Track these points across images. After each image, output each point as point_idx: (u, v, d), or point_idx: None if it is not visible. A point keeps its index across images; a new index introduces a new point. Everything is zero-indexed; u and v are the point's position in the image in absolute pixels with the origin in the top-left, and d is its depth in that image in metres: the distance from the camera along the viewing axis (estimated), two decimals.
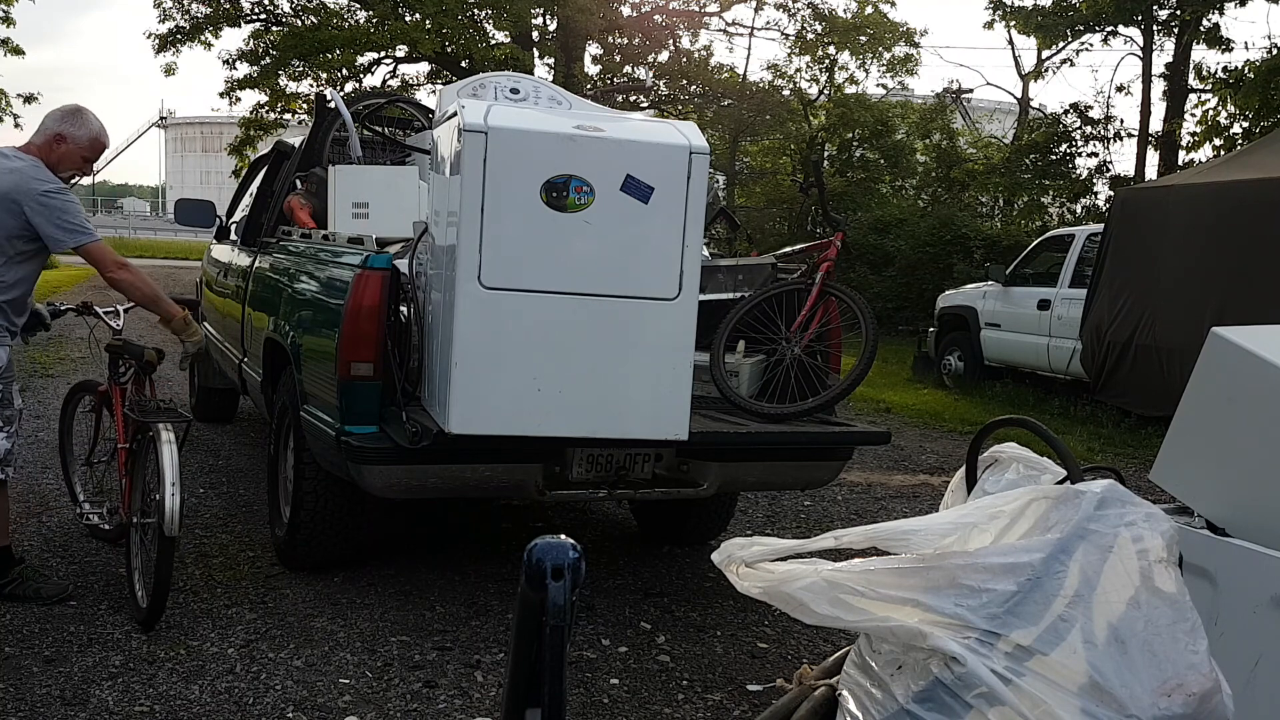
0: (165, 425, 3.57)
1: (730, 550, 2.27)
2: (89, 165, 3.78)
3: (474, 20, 19.02)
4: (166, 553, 3.43)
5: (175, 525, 3.39)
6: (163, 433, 3.53)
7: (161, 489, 3.42)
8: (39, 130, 3.71)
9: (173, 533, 3.39)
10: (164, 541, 3.41)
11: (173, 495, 3.39)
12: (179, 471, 3.45)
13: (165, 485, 3.40)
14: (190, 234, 32.72)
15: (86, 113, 3.76)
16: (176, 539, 3.45)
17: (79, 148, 3.71)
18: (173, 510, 3.37)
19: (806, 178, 21.89)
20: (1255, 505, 2.55)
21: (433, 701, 3.18)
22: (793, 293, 4.47)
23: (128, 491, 3.80)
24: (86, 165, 3.76)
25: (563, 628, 1.38)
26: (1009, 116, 25.54)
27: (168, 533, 3.38)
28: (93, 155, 3.77)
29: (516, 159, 3.27)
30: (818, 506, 5.90)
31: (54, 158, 3.67)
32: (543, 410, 3.37)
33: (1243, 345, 2.65)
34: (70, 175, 3.73)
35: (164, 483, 3.41)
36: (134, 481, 3.77)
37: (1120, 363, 8.87)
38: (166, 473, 3.42)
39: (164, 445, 3.49)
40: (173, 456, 3.47)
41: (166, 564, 3.44)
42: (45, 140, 3.67)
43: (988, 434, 2.57)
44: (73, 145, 3.70)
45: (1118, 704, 1.83)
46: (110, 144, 3.88)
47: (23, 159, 3.61)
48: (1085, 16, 17.01)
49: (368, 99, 6.43)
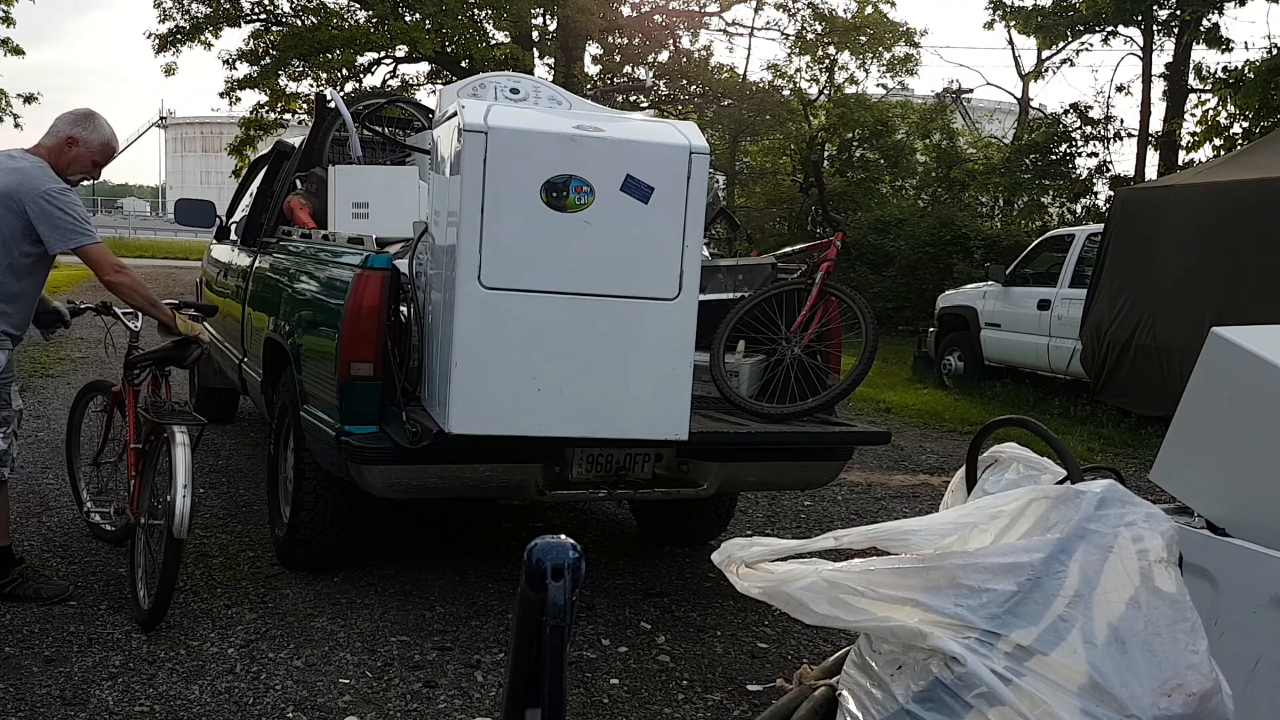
0: (180, 427, 3.56)
1: (730, 550, 2.27)
2: (98, 169, 3.79)
3: (474, 20, 19.02)
4: (173, 554, 3.43)
5: (184, 528, 3.38)
6: (177, 434, 3.52)
7: (173, 491, 3.41)
8: (50, 132, 3.71)
9: (181, 535, 3.38)
10: (172, 543, 3.41)
11: (184, 498, 3.38)
12: (191, 474, 3.45)
13: (177, 487, 3.39)
14: (190, 234, 32.73)
15: (99, 117, 3.77)
16: (184, 541, 3.45)
17: (90, 151, 3.73)
18: (183, 513, 3.37)
19: (806, 178, 21.89)
20: (1255, 505, 2.55)
21: (433, 701, 3.18)
22: (793, 293, 4.47)
23: (137, 492, 3.80)
24: (96, 169, 3.78)
25: (563, 628, 1.38)
26: (1009, 116, 25.53)
27: (177, 535, 3.38)
28: (103, 160, 3.79)
29: (516, 159, 3.27)
30: (818, 506, 5.90)
31: (64, 160, 3.68)
32: (543, 410, 3.37)
33: (1243, 345, 2.65)
34: (79, 178, 3.75)
35: (176, 485, 3.40)
36: (143, 482, 3.77)
37: (1120, 363, 8.87)
38: (179, 475, 3.41)
39: (178, 448, 3.48)
40: (186, 459, 3.47)
41: (173, 565, 3.45)
42: (57, 143, 3.68)
43: (988, 434, 2.57)
44: (84, 149, 3.71)
45: (1118, 704, 1.83)
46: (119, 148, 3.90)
47: (28, 160, 3.61)
48: (1085, 16, 17.01)
49: (368, 99, 6.44)
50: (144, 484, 3.76)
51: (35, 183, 3.53)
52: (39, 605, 3.70)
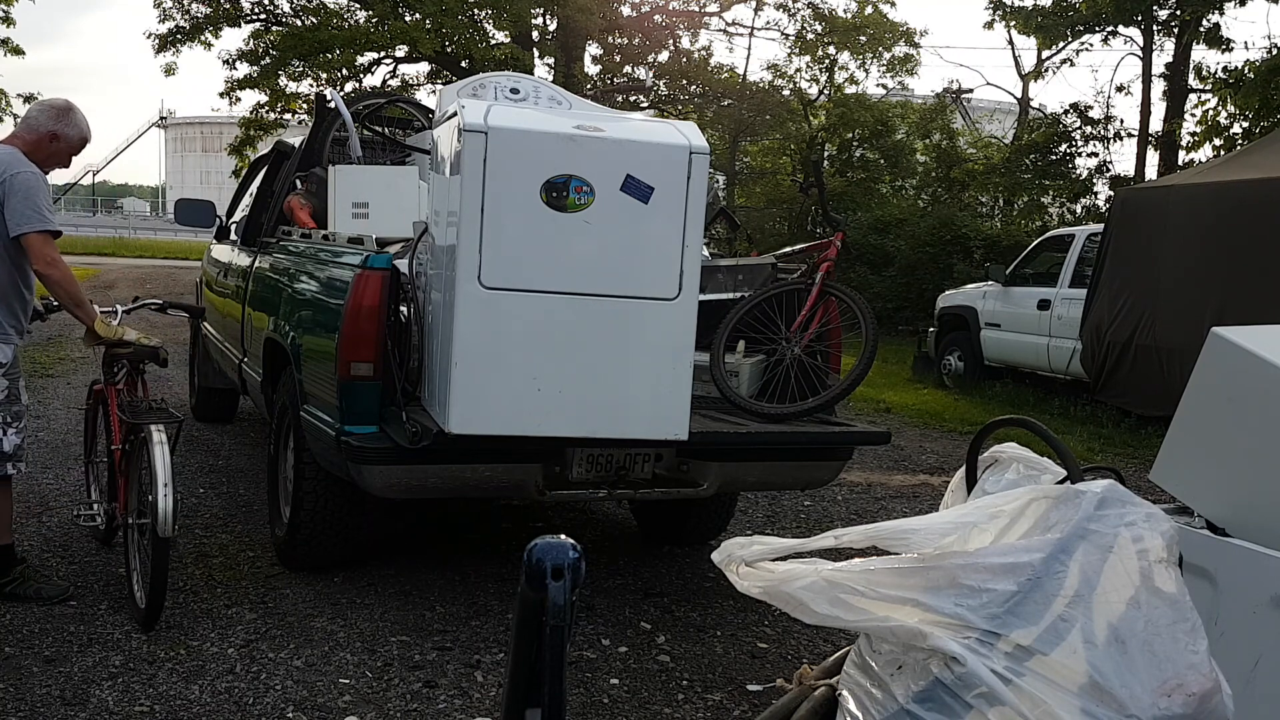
0: (157, 426, 3.54)
1: (730, 549, 2.27)
2: (70, 161, 3.87)
3: (474, 20, 19.00)
4: (162, 553, 3.42)
5: (169, 526, 3.37)
6: (154, 434, 3.51)
7: (154, 490, 3.40)
8: (26, 124, 3.73)
9: (166, 533, 3.37)
10: (159, 542, 3.40)
11: (165, 496, 3.37)
12: (171, 472, 3.43)
13: (158, 486, 3.38)
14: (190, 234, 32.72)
15: (76, 111, 3.81)
16: (172, 539, 3.44)
17: (69, 146, 3.79)
18: (166, 511, 3.36)
19: (806, 178, 21.89)
20: (1255, 505, 2.55)
21: (433, 701, 3.18)
22: (793, 293, 4.47)
23: (123, 492, 3.80)
24: (69, 161, 3.85)
25: (563, 628, 1.38)
26: (1009, 116, 25.52)
27: (162, 533, 3.37)
28: (79, 152, 3.86)
29: (516, 159, 3.27)
30: (818, 506, 5.90)
31: (44, 154, 3.71)
32: (543, 410, 3.37)
33: (1243, 345, 2.65)
34: (51, 170, 3.78)
35: (156, 484, 3.39)
36: (129, 482, 3.77)
37: (1120, 363, 8.87)
38: (159, 474, 3.40)
39: (155, 446, 3.47)
40: (164, 457, 3.46)
41: (162, 565, 3.44)
42: (37, 138, 3.70)
43: (988, 434, 2.57)
44: (64, 144, 3.77)
45: (1118, 704, 1.83)
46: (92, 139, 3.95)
47: (3, 149, 3.62)
48: (1085, 17, 17.01)
49: (368, 99, 6.44)
50: (130, 483, 3.77)
51: (7, 168, 3.55)
52: (39, 605, 3.70)
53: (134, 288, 18.40)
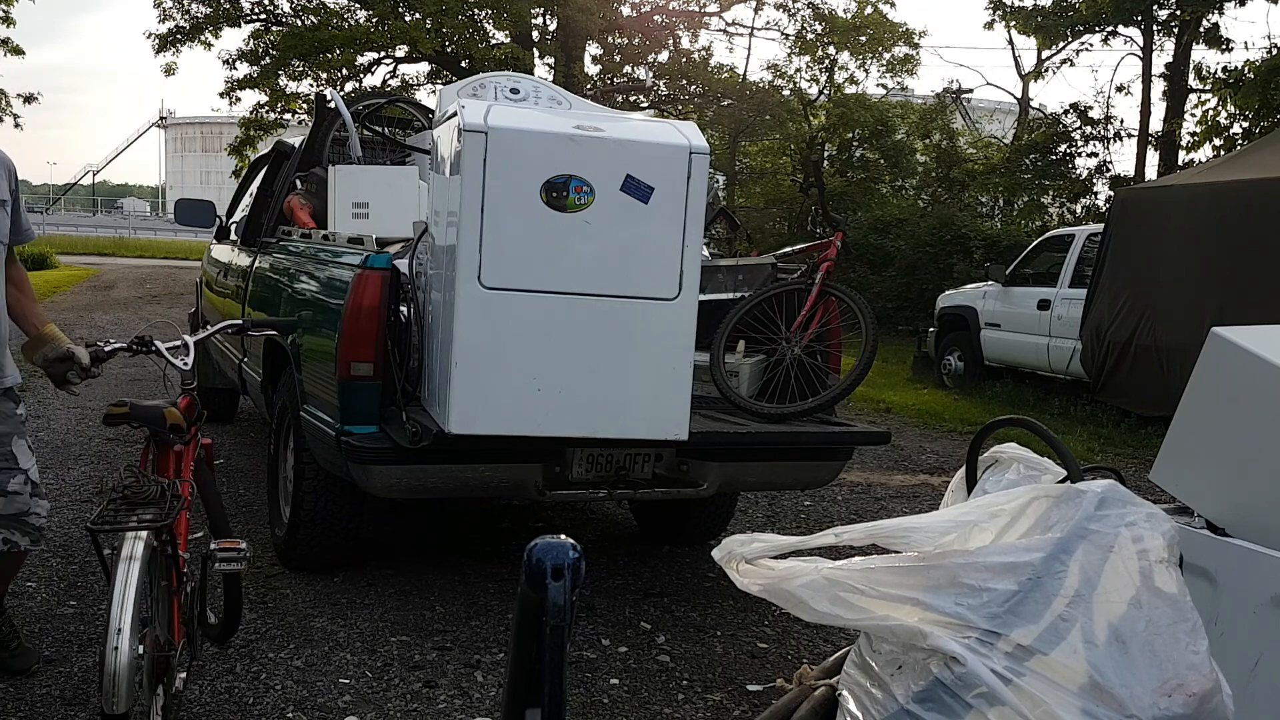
0: (135, 534, 2.38)
1: (731, 547, 2.27)
2: None
3: (474, 20, 19.00)
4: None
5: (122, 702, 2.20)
6: (124, 546, 2.36)
7: (105, 641, 2.23)
8: None
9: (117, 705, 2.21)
10: None
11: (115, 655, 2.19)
12: (135, 607, 2.27)
13: (111, 631, 2.23)
14: (190, 234, 32.73)
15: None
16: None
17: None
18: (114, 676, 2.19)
19: (806, 178, 21.91)
20: (1255, 505, 2.55)
21: (433, 701, 3.18)
22: (793, 293, 4.47)
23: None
24: None
25: (563, 628, 1.38)
26: (1009, 116, 25.52)
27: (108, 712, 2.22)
28: None
29: (516, 159, 3.27)
30: (818, 506, 5.90)
31: None
32: (543, 410, 3.37)
33: (1243, 345, 2.65)
34: None
35: (110, 628, 2.23)
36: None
37: (1120, 363, 8.87)
38: (116, 605, 2.25)
39: (120, 564, 2.32)
40: (129, 581, 2.28)
41: None
42: None
43: (988, 434, 2.57)
44: None
45: (1118, 704, 1.83)
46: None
47: None
48: (1085, 17, 17.01)
49: (368, 99, 6.44)
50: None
51: None
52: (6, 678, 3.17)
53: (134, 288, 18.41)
